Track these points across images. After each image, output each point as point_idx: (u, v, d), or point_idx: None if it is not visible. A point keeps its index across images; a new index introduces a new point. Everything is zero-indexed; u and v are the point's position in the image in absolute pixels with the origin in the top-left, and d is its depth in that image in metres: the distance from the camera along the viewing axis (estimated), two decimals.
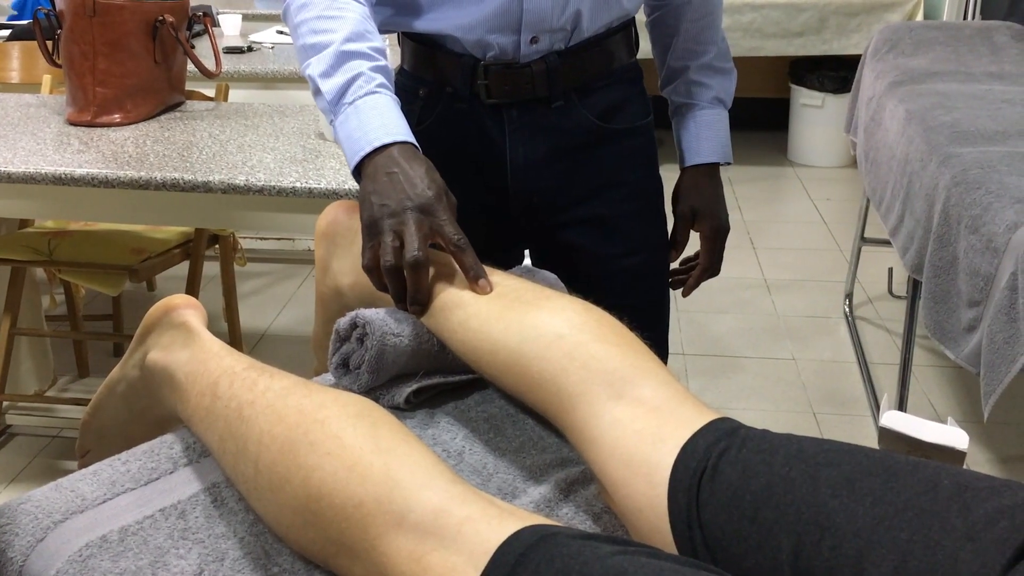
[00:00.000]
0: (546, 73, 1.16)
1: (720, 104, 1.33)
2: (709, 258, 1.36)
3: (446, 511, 0.68)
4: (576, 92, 1.20)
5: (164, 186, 1.60)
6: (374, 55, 1.04)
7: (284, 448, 0.76)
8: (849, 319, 2.90)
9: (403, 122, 1.01)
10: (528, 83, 1.17)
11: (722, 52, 1.33)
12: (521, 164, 1.21)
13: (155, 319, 1.03)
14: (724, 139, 1.34)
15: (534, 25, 1.13)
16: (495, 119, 1.20)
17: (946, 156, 1.93)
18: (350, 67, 1.02)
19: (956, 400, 2.49)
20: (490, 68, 1.16)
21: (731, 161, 1.36)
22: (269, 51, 2.69)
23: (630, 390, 0.79)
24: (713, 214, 1.35)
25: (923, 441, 0.85)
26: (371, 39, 1.05)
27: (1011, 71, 2.53)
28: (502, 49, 1.15)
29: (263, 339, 2.81)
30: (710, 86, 1.33)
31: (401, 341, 0.94)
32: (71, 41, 1.84)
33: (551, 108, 1.19)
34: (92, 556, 0.77)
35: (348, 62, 1.03)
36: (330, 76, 1.03)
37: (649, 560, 0.62)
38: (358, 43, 1.04)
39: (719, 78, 1.33)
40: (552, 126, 1.20)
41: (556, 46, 1.16)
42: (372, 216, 0.95)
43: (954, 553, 0.59)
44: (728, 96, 1.34)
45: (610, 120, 1.24)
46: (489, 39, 1.14)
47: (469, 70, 1.17)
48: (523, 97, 1.18)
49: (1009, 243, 1.57)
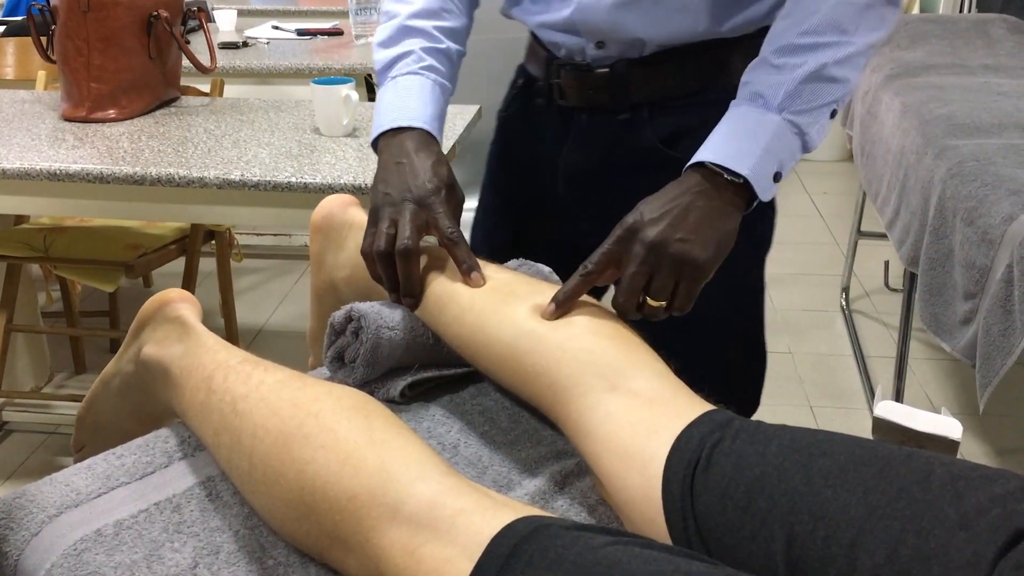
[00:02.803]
0: (611, 80, 1.08)
1: (758, 99, 0.95)
2: (597, 253, 0.92)
3: (440, 503, 0.68)
4: (648, 107, 1.09)
5: (159, 182, 1.59)
6: (436, 35, 1.07)
7: (278, 441, 0.76)
8: (846, 312, 2.90)
9: (430, 108, 1.03)
10: (594, 88, 1.10)
11: (784, 48, 0.95)
12: (572, 171, 1.15)
13: (150, 313, 1.03)
14: (725, 138, 0.94)
15: (591, 30, 1.06)
16: (564, 121, 1.14)
17: (942, 149, 1.93)
18: (406, 43, 1.06)
19: (952, 392, 2.49)
20: (563, 68, 1.11)
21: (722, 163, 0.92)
22: (264, 46, 2.69)
23: (624, 382, 0.79)
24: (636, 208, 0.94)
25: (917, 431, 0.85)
26: (442, 18, 1.08)
27: (1007, 64, 2.53)
28: (570, 50, 1.10)
29: (259, 335, 2.81)
30: (749, 82, 0.98)
31: (396, 334, 0.94)
32: (65, 37, 1.83)
33: (616, 119, 1.11)
34: (87, 550, 0.77)
35: (406, 38, 1.07)
36: (386, 47, 1.07)
37: (643, 550, 0.62)
38: (424, 20, 1.07)
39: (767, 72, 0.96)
40: (611, 138, 1.11)
41: (628, 54, 1.07)
42: (375, 203, 0.97)
43: (947, 541, 0.59)
44: (772, 93, 0.94)
45: (674, 146, 1.08)
46: (557, 38, 1.10)
47: (546, 66, 1.14)
48: (591, 103, 1.11)
49: (1004, 235, 1.57)
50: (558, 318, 0.87)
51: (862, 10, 0.93)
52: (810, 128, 0.95)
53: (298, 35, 2.82)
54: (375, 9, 2.68)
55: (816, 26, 0.93)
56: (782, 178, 0.94)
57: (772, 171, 0.93)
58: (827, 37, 0.93)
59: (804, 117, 0.94)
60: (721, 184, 0.91)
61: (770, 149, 0.92)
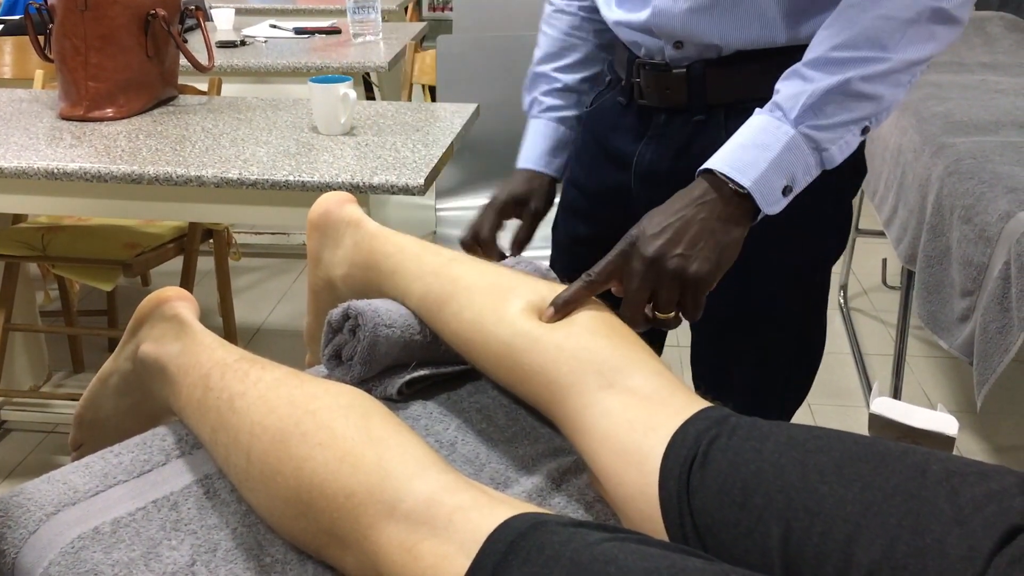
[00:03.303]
0: (687, 81, 1.07)
1: (777, 110, 0.93)
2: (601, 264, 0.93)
3: (437, 500, 0.68)
4: (724, 109, 1.07)
5: (157, 180, 1.59)
6: (556, 76, 1.28)
7: (276, 439, 0.77)
8: (844, 310, 2.90)
9: (537, 150, 1.28)
10: (671, 88, 1.09)
11: (816, 61, 0.93)
12: (645, 168, 1.15)
13: (147, 311, 1.03)
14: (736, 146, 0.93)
15: (666, 34, 1.06)
16: (643, 120, 1.15)
17: (939, 146, 1.93)
18: (534, 88, 1.30)
19: (950, 390, 2.49)
20: (643, 67, 1.11)
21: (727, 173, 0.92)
22: (262, 45, 2.69)
23: (621, 380, 0.80)
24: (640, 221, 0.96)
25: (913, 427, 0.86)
26: (562, 58, 1.28)
27: (1004, 61, 2.53)
28: (649, 50, 1.10)
29: (258, 334, 2.81)
30: (777, 91, 0.96)
31: (393, 332, 0.94)
32: (63, 36, 1.83)
33: (691, 120, 1.10)
34: (85, 547, 0.77)
35: (535, 84, 1.30)
36: (528, 91, 1.31)
37: (639, 546, 0.62)
38: (546, 64, 1.29)
39: (793, 83, 0.94)
40: (686, 138, 1.11)
41: (706, 55, 1.06)
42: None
43: (942, 537, 0.59)
44: (790, 105, 0.92)
45: None
46: (636, 38, 1.11)
47: (628, 66, 1.14)
48: (668, 102, 1.11)
49: (1002, 232, 1.58)
50: (556, 322, 0.87)
51: (904, 25, 0.90)
52: (831, 144, 0.93)
53: (296, 34, 2.82)
54: (373, 7, 2.67)
55: (852, 39, 0.91)
56: (793, 193, 0.93)
57: (781, 185, 0.92)
58: (863, 52, 0.90)
59: (824, 133, 0.92)
60: (727, 194, 0.91)
61: (780, 162, 0.91)
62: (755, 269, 1.06)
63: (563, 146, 1.29)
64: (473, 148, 2.32)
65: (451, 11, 4.22)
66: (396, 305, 0.97)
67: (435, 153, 1.65)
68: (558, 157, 1.29)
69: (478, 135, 2.11)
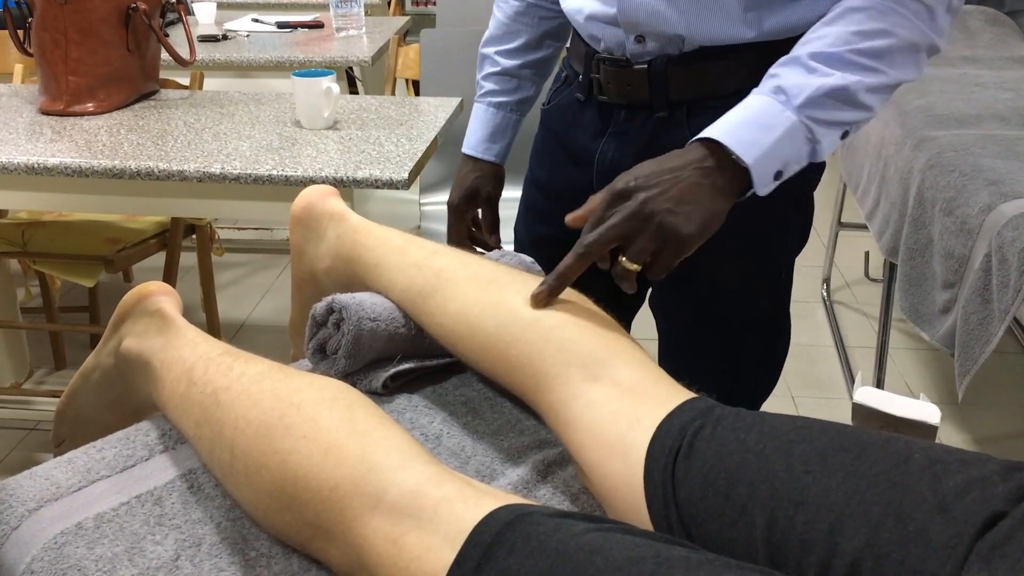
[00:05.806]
0: (649, 77, 1.08)
1: (781, 94, 0.92)
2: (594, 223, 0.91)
3: (422, 492, 0.68)
4: (687, 105, 1.08)
5: (139, 175, 1.58)
6: (496, 59, 1.32)
7: (260, 432, 0.76)
8: (826, 303, 2.92)
9: (476, 135, 1.34)
10: (632, 85, 1.09)
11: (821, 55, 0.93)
12: (607, 166, 1.14)
13: (129, 306, 1.02)
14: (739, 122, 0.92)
15: (630, 22, 1.06)
16: (604, 117, 1.15)
17: (921, 139, 1.94)
18: (480, 69, 1.34)
19: (932, 381, 2.51)
20: (603, 63, 1.11)
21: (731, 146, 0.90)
22: (244, 39, 2.67)
23: (606, 371, 0.80)
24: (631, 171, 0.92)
25: (895, 416, 0.86)
26: (504, 42, 1.31)
27: (985, 55, 2.55)
28: (609, 44, 1.10)
29: (242, 329, 2.80)
30: (777, 75, 0.94)
31: (378, 326, 0.94)
32: (42, 29, 1.81)
33: (653, 117, 1.10)
34: (67, 543, 0.76)
35: (480, 65, 1.34)
36: (477, 71, 1.35)
37: (624, 536, 0.62)
38: (490, 47, 1.33)
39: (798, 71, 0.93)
40: (647, 136, 1.11)
41: (667, 50, 1.06)
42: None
43: (925, 525, 0.59)
44: (796, 92, 0.92)
45: None
46: (596, 31, 1.10)
47: (585, 61, 1.14)
48: (629, 99, 1.11)
49: (983, 225, 1.59)
50: (548, 301, 0.86)
51: (909, 49, 0.94)
52: (823, 138, 0.93)
53: (278, 28, 2.80)
54: (355, 2, 2.66)
55: (861, 46, 0.92)
56: (782, 179, 0.93)
57: (775, 168, 0.92)
58: (867, 60, 0.92)
59: (821, 127, 0.93)
60: (727, 165, 0.90)
61: (779, 145, 0.91)
62: (719, 266, 1.08)
63: (501, 132, 1.34)
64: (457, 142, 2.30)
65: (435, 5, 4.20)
66: (380, 298, 0.97)
67: (419, 147, 1.65)
68: (496, 143, 1.34)
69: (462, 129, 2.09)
